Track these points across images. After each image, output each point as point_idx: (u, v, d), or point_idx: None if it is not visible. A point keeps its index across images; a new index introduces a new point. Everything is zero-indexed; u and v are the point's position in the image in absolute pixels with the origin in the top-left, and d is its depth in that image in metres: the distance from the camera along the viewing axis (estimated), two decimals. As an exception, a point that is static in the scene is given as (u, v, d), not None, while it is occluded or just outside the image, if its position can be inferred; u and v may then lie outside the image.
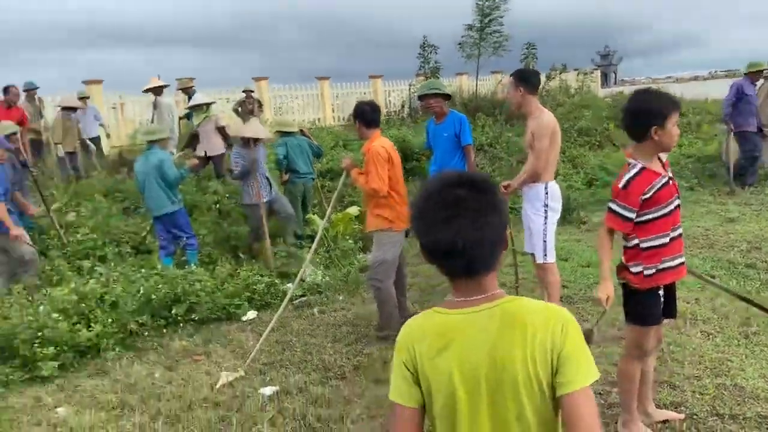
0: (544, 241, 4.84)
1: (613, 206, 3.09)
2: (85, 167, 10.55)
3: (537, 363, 1.53)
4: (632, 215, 3.05)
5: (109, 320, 5.31)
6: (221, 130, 9.42)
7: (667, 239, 3.09)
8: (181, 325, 5.73)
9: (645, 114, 3.02)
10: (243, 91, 13.21)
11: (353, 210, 8.15)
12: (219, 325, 5.79)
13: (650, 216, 3.06)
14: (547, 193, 4.85)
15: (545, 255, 4.86)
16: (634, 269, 3.12)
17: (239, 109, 13.13)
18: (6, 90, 9.64)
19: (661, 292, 3.16)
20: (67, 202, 8.49)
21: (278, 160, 8.06)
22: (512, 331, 1.55)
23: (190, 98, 10.24)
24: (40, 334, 4.96)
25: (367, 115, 5.09)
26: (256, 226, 7.37)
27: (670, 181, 3.11)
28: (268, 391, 4.37)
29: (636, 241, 3.11)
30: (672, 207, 3.09)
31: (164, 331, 5.64)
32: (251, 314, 5.99)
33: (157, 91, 10.43)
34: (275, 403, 4.20)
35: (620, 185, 3.06)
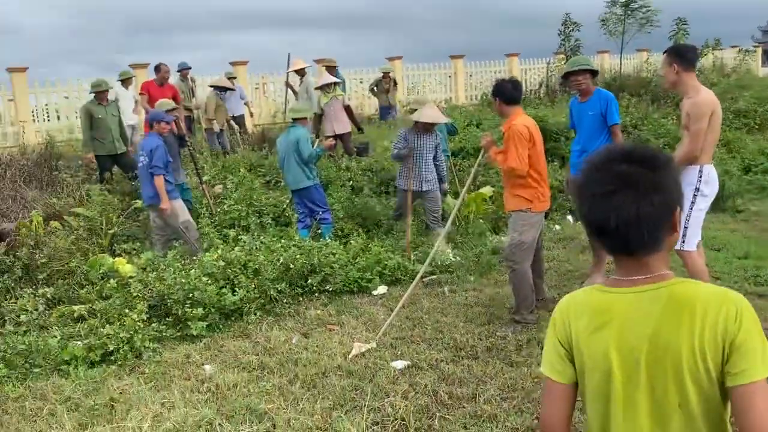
0: (685, 227, 4.50)
1: None
2: (230, 144, 11.16)
3: (706, 350, 1.42)
4: None
5: (252, 286, 5.59)
6: (347, 109, 9.71)
7: None
8: (316, 294, 5.92)
9: None
10: (381, 71, 13.45)
11: (486, 190, 8.00)
12: (351, 298, 5.92)
13: None
14: (700, 177, 4.50)
15: (683, 242, 4.52)
16: None
17: (375, 88, 13.38)
18: (157, 68, 10.33)
19: None
20: (215, 175, 9.03)
21: None
22: (679, 315, 1.45)
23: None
24: (190, 295, 5.31)
25: (507, 92, 4.94)
26: (399, 207, 7.41)
27: None
28: (399, 364, 4.41)
29: None
30: None
31: (300, 299, 5.86)
32: (382, 289, 6.08)
33: (301, 72, 10.82)
34: (407, 377, 4.24)
35: None
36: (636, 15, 15.43)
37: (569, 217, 8.28)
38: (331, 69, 11.15)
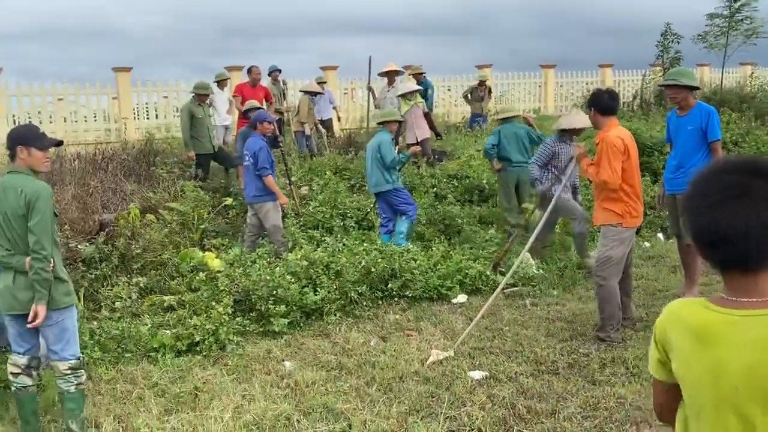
0: None
1: None
2: (317, 146, 11.39)
3: None
4: None
5: (333, 287, 5.67)
6: (426, 116, 9.90)
7: None
8: (396, 299, 5.93)
9: None
10: (478, 79, 13.45)
11: (575, 203, 7.78)
12: (430, 305, 5.90)
13: None
14: None
15: None
16: None
17: (469, 95, 13.36)
18: (249, 70, 10.74)
19: None
20: (301, 176, 9.23)
21: (485, 149, 7.93)
22: None
23: (419, 84, 10.79)
24: (274, 293, 5.43)
25: (603, 103, 4.80)
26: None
27: None
28: (477, 375, 4.36)
29: None
30: None
31: (380, 303, 5.88)
32: (461, 298, 6.03)
33: (392, 77, 10.92)
34: (484, 387, 4.18)
35: None
36: (740, 26, 14.66)
37: (660, 235, 7.95)
38: (418, 76, 11.24)
